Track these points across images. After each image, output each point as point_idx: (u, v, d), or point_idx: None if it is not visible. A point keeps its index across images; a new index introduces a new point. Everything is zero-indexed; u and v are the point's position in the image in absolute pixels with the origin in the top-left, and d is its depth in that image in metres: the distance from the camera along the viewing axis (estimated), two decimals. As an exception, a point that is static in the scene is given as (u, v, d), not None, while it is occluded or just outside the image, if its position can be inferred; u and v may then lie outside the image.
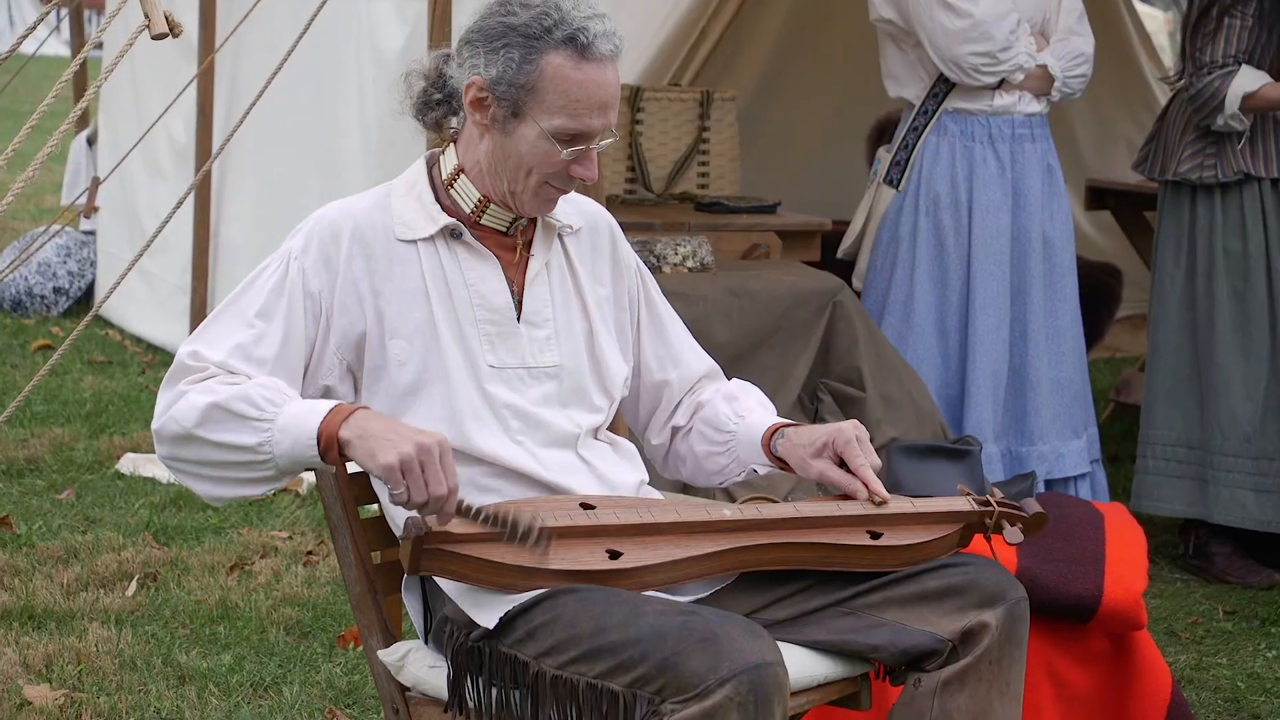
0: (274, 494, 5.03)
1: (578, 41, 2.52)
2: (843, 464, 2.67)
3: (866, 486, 2.64)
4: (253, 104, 4.42)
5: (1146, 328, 4.93)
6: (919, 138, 4.75)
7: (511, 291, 2.66)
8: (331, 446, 2.42)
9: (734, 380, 2.91)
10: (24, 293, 7.66)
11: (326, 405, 2.45)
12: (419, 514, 2.40)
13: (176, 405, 2.49)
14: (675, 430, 2.86)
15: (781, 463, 2.75)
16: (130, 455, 5.46)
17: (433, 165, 2.70)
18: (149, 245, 4.23)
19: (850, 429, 2.68)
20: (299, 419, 2.44)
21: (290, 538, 4.77)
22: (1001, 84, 4.69)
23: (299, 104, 5.87)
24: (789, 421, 2.78)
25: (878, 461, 2.68)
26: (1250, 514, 4.62)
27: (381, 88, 5.44)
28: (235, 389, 2.47)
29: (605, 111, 2.57)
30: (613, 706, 2.34)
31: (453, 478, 2.39)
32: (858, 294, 4.80)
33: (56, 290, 7.72)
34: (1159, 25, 11.80)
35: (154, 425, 2.53)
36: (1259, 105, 4.55)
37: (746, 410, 2.81)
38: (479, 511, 2.39)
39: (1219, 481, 4.65)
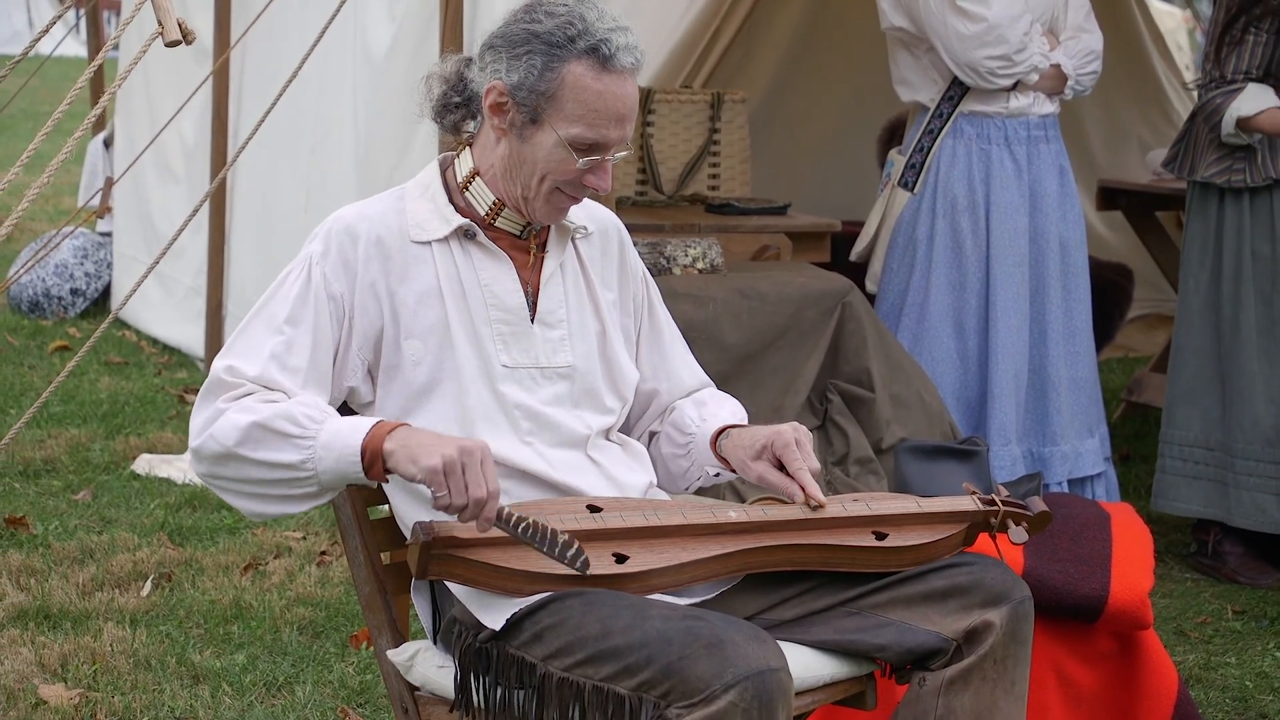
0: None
1: (600, 52, 2.55)
2: (783, 467, 2.67)
3: (804, 490, 2.64)
4: (270, 107, 4.44)
5: (1173, 327, 4.92)
6: (934, 141, 4.75)
7: (525, 292, 2.69)
8: (376, 461, 2.44)
9: (710, 389, 2.92)
10: (41, 294, 7.70)
11: (369, 422, 2.47)
12: (459, 519, 2.40)
13: (216, 424, 2.50)
14: (653, 436, 2.89)
15: (728, 463, 2.77)
16: (146, 456, 5.49)
17: (446, 168, 2.73)
18: (166, 250, 4.25)
19: (790, 432, 2.68)
20: (341, 435, 2.45)
21: (304, 538, 4.80)
22: (1016, 85, 4.69)
23: (289, 101, 5.86)
24: (738, 423, 2.80)
25: (816, 465, 2.67)
26: (1271, 517, 4.61)
27: (370, 84, 5.42)
28: (275, 407, 2.48)
29: (623, 123, 2.59)
30: (618, 709, 2.36)
31: (493, 482, 2.39)
32: (871, 297, 4.81)
33: (74, 292, 7.75)
34: (1177, 23, 11.68)
35: (193, 444, 2.53)
36: (1256, 128, 4.54)
37: (710, 415, 2.82)
38: (519, 522, 2.39)
39: (1239, 485, 4.64)
